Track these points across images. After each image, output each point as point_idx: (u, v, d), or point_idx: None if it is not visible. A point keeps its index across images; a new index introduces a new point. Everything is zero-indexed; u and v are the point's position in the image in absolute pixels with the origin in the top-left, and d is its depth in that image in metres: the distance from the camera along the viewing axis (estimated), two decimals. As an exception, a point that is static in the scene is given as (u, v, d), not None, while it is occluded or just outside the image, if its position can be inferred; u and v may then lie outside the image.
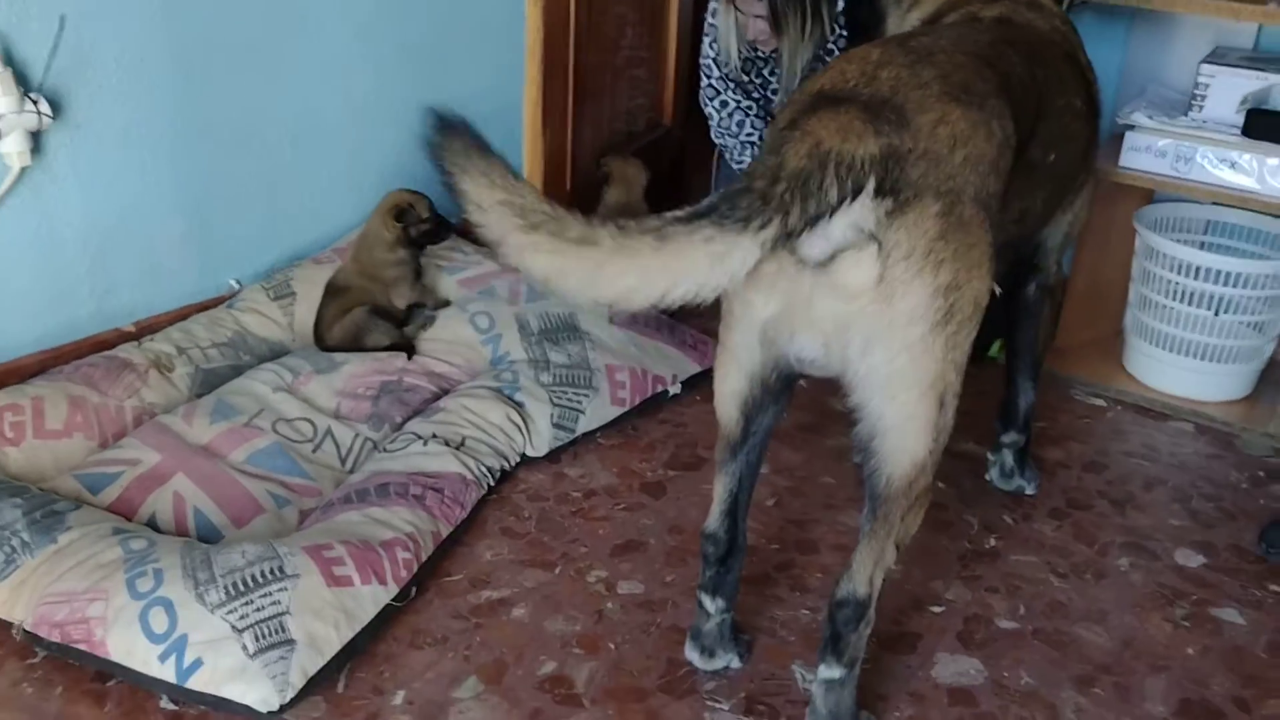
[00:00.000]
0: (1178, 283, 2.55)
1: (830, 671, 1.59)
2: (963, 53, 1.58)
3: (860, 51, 1.56)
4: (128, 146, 2.29)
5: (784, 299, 1.42)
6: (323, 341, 2.44)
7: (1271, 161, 2.41)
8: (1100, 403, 2.67)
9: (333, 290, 2.48)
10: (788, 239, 1.31)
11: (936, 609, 1.95)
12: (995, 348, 2.82)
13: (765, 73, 3.05)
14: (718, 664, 1.77)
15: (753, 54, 2.97)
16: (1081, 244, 2.73)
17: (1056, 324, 2.80)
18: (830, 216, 1.33)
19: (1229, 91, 2.49)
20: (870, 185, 1.33)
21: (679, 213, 1.31)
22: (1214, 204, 2.67)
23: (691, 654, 1.78)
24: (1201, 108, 2.52)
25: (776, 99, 2.92)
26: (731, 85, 2.93)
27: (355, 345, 2.42)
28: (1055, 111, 1.77)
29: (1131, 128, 2.53)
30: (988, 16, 1.86)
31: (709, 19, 3.13)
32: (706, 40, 3.07)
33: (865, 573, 1.56)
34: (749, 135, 2.98)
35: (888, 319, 1.38)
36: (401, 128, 2.87)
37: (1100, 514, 2.23)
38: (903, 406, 1.43)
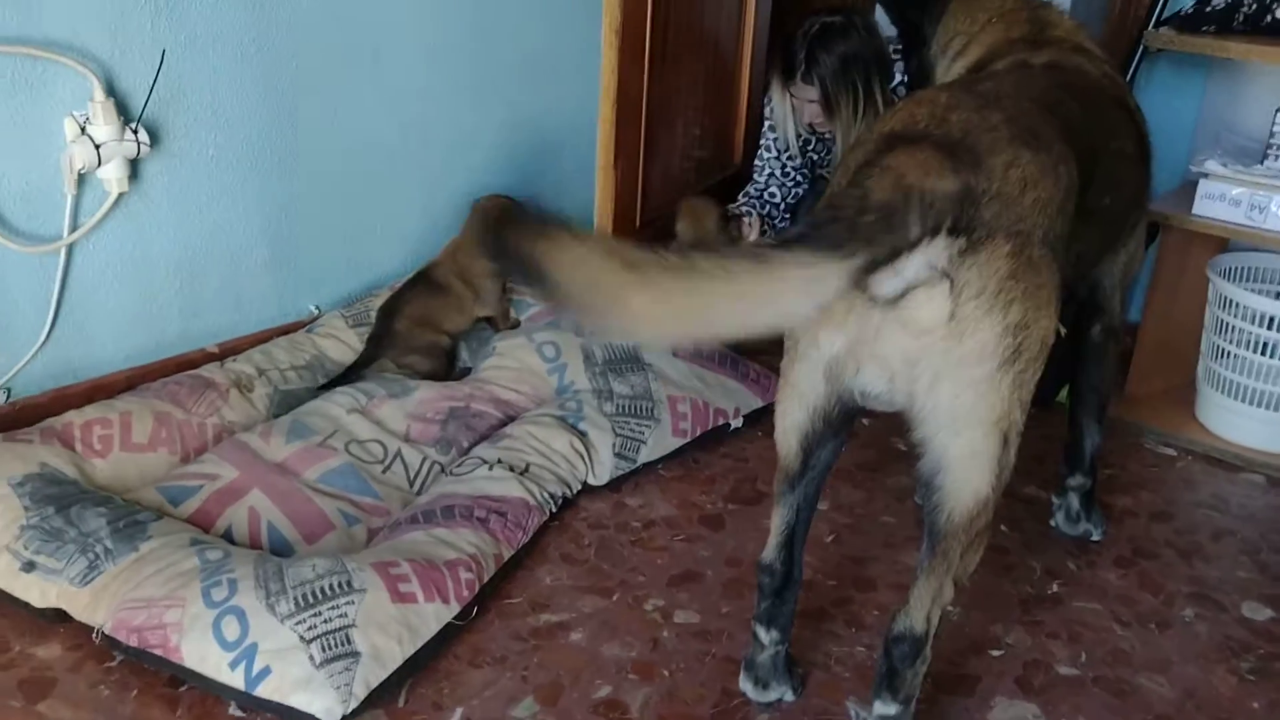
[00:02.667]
0: (1250, 332, 2.52)
1: (886, 708, 1.60)
2: (1026, 98, 1.60)
3: (928, 94, 1.59)
4: (218, 175, 2.40)
5: (852, 335, 1.44)
6: (391, 318, 2.51)
7: (1350, 211, 2.38)
8: (1170, 452, 2.63)
9: (428, 281, 2.58)
10: (869, 271, 1.31)
11: (996, 652, 1.93)
12: (1064, 393, 2.80)
13: (830, 149, 3.09)
14: (771, 696, 1.78)
15: (813, 134, 3.02)
16: (1153, 291, 2.72)
17: (1128, 370, 2.77)
18: (909, 253, 1.34)
19: (1306, 140, 2.46)
20: (947, 223, 1.35)
21: (770, 240, 1.32)
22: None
23: (745, 685, 1.79)
24: (1277, 156, 2.49)
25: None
26: (783, 167, 3.01)
27: (407, 350, 2.49)
28: (1109, 156, 1.78)
29: (1205, 175, 2.51)
30: (1038, 63, 1.88)
31: (766, 104, 3.20)
32: (766, 124, 3.14)
33: (923, 609, 1.56)
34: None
35: (957, 355, 1.40)
36: (476, 158, 2.96)
37: (1167, 563, 2.20)
38: (968, 442, 1.45)
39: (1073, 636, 1.98)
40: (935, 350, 1.40)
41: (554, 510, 2.18)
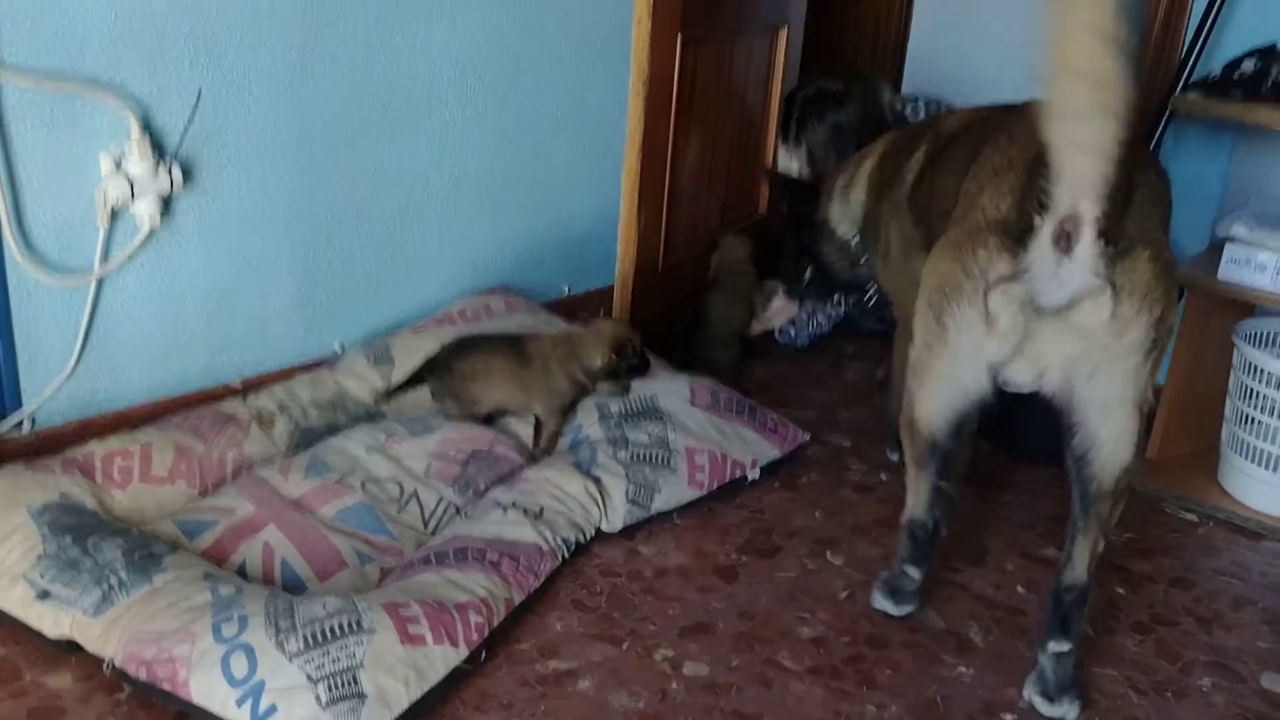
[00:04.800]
0: (1277, 399, 2.50)
1: (1060, 646, 1.89)
2: None
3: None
4: (250, 213, 2.44)
5: (1017, 341, 1.69)
6: (455, 356, 2.44)
7: (1378, 280, 2.36)
8: (1193, 518, 2.60)
9: (517, 344, 2.48)
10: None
11: (1009, 716, 1.90)
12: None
13: None
14: (906, 609, 2.11)
15: None
16: (1177, 355, 2.70)
17: (1150, 434, 2.75)
18: (1070, 263, 1.60)
19: (1334, 207, 2.46)
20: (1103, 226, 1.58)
21: None
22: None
23: (885, 604, 2.12)
24: (1305, 222, 2.48)
25: None
26: None
27: (446, 394, 2.44)
28: None
29: (1231, 240, 2.51)
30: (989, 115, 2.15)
31: None
32: None
33: (1084, 561, 1.86)
34: None
35: (1115, 351, 1.66)
36: (504, 207, 2.99)
37: (1185, 631, 2.17)
38: (1118, 423, 1.73)
39: (1087, 702, 1.95)
40: (1097, 347, 1.66)
41: (567, 555, 2.18)
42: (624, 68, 2.98)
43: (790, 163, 2.97)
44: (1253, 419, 2.56)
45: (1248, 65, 2.60)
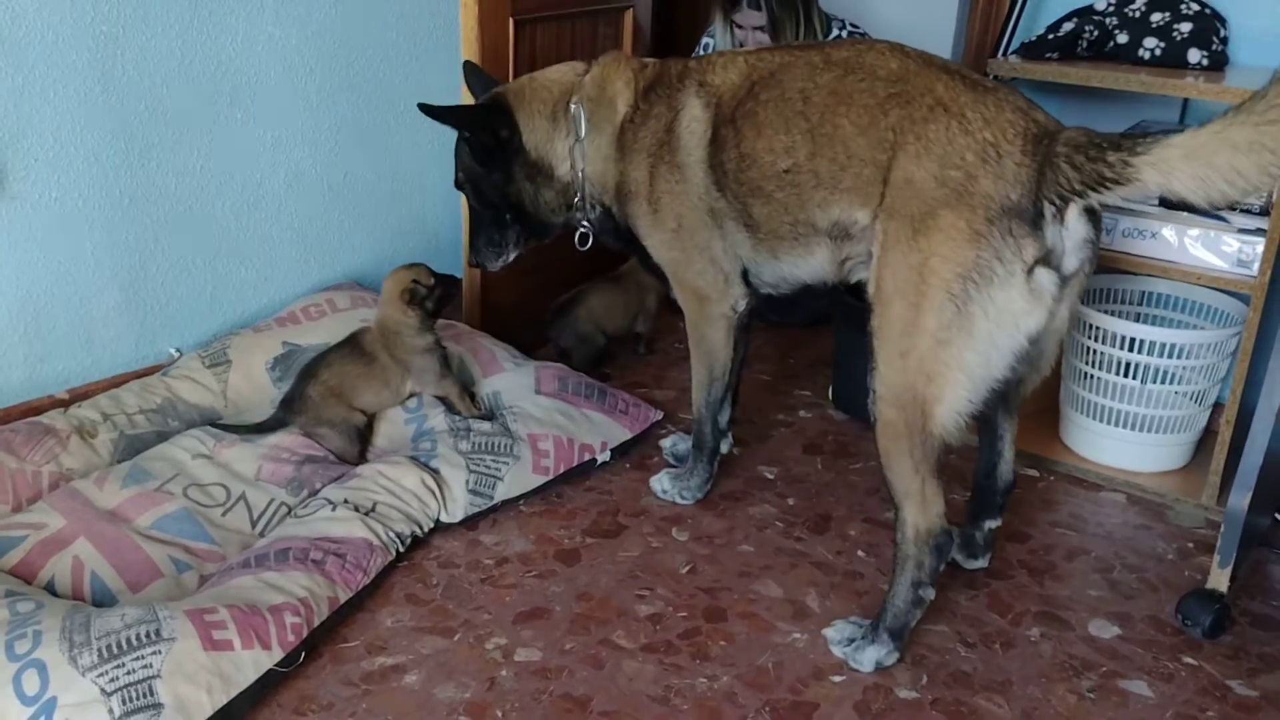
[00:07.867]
0: (1104, 353, 2.56)
1: (995, 523, 2.21)
2: None
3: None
4: (64, 217, 2.35)
5: (1049, 311, 1.80)
6: (306, 381, 2.37)
7: (1192, 232, 2.42)
8: (1033, 473, 2.65)
9: (355, 346, 2.44)
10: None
11: (837, 678, 1.92)
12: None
13: None
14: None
15: None
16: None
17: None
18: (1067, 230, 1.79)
19: (1150, 163, 2.51)
20: None
21: None
22: (1149, 275, 2.68)
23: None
24: (1123, 179, 2.53)
25: None
26: None
27: (317, 420, 2.37)
28: None
29: (1055, 199, 2.55)
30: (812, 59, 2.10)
31: (704, 40, 3.28)
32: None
33: (1012, 458, 2.17)
34: None
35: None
36: (345, 200, 2.93)
37: (1018, 584, 2.21)
38: (1055, 349, 1.99)
39: (916, 659, 1.97)
40: (1069, 308, 1.88)
41: (401, 550, 2.15)
42: (457, 55, 2.94)
43: (728, 37, 3.03)
44: (1085, 373, 2.62)
45: (1066, 26, 2.65)
